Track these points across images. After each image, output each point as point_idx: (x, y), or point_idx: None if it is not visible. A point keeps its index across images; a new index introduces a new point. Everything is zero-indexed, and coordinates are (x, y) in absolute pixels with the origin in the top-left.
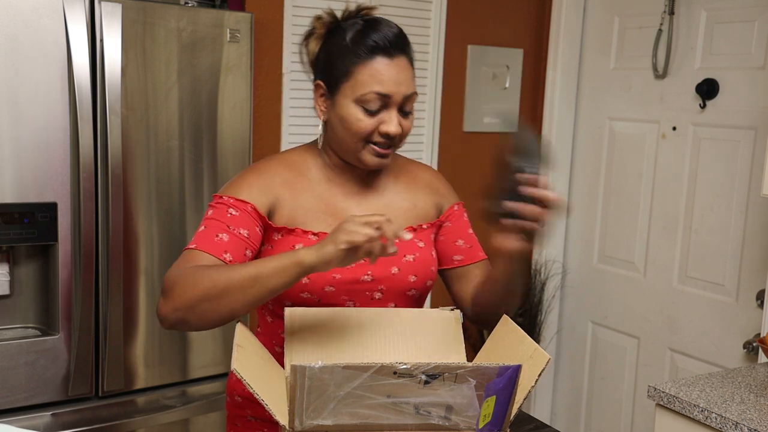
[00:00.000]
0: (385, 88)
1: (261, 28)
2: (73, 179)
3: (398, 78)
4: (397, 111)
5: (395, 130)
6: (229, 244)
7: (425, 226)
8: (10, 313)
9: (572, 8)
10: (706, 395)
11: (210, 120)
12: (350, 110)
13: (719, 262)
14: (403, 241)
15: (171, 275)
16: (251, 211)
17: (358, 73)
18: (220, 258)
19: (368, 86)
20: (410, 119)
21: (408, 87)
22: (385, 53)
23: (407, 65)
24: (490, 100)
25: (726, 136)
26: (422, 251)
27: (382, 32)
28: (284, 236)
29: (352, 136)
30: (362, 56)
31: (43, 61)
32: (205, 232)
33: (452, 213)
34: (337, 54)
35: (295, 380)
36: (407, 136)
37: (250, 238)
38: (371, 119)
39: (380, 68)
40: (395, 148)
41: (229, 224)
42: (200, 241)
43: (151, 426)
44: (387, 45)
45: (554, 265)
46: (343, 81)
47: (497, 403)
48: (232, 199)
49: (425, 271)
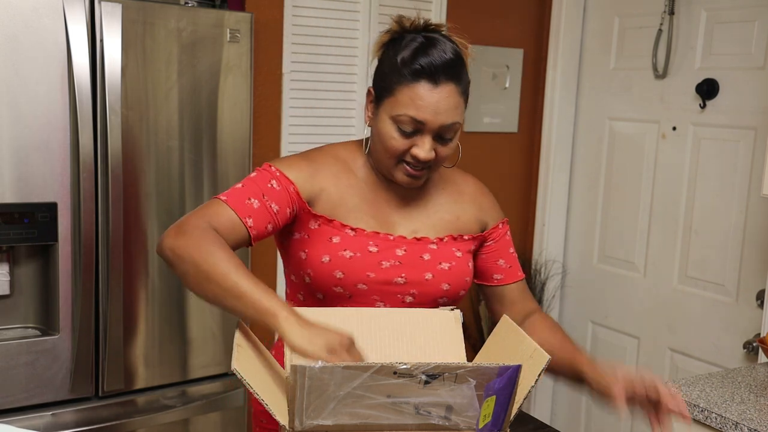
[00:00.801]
0: (420, 115)
1: (261, 28)
2: (73, 179)
3: (438, 107)
4: (432, 137)
5: (425, 156)
6: (257, 211)
7: (466, 237)
8: (10, 313)
9: (572, 8)
10: (706, 395)
11: (210, 120)
12: (386, 126)
13: (719, 262)
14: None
15: (191, 221)
16: (292, 192)
17: (400, 93)
18: (242, 219)
19: (405, 108)
20: (449, 146)
21: (448, 117)
22: (430, 79)
23: (453, 93)
24: (490, 100)
25: (726, 136)
26: (459, 261)
27: (432, 56)
28: (321, 226)
29: (385, 151)
30: (407, 77)
31: (43, 61)
32: (240, 189)
33: (496, 231)
34: (388, 69)
35: (295, 380)
36: (444, 161)
37: (278, 214)
38: (405, 140)
39: (421, 93)
40: (430, 171)
41: (265, 194)
42: (232, 197)
43: (151, 426)
44: (433, 71)
45: (554, 265)
46: (387, 96)
47: (497, 403)
48: (278, 172)
49: (459, 281)
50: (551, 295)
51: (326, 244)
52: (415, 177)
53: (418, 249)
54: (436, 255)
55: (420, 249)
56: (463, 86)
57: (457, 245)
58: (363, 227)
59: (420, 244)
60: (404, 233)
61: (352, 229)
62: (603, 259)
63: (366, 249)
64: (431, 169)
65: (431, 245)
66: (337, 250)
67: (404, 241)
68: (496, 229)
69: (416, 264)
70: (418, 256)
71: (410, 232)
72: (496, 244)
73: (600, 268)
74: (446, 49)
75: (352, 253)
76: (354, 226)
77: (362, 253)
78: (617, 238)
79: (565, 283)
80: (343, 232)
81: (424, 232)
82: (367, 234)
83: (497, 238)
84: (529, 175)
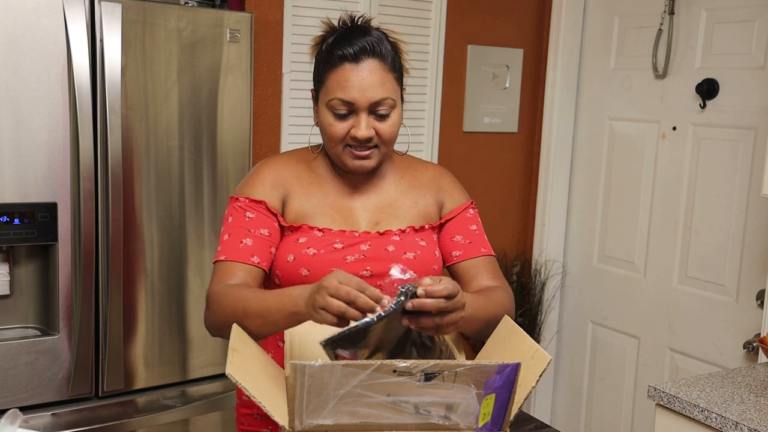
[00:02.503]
0: (348, 95)
1: (261, 28)
2: (73, 179)
3: (362, 84)
4: (367, 115)
5: (362, 134)
6: (254, 247)
7: (427, 227)
8: (10, 313)
9: (572, 8)
10: (706, 395)
11: (210, 120)
12: (325, 116)
13: (719, 262)
14: (404, 239)
15: (211, 292)
16: (267, 209)
17: (328, 80)
18: (248, 263)
19: (334, 92)
20: (388, 122)
21: (375, 92)
22: (352, 59)
23: (376, 69)
24: (490, 100)
25: (726, 136)
26: (424, 250)
27: (352, 39)
28: (292, 231)
29: (329, 140)
30: (332, 63)
31: (43, 62)
32: (229, 240)
33: (454, 210)
34: (318, 62)
35: (295, 379)
36: (392, 138)
37: (271, 235)
38: (342, 123)
39: (346, 74)
40: (380, 151)
41: (250, 228)
42: (227, 250)
43: (151, 426)
44: (353, 52)
45: (554, 265)
46: (320, 88)
47: (496, 401)
48: (247, 200)
49: (426, 270)
50: (551, 295)
51: (293, 244)
52: (363, 158)
53: (382, 242)
54: (400, 246)
55: (384, 242)
56: (389, 63)
57: (419, 235)
58: (329, 226)
59: (383, 238)
60: (368, 227)
61: (319, 230)
62: (603, 259)
63: (331, 246)
64: (379, 149)
65: (394, 237)
66: (302, 249)
67: (369, 235)
68: (454, 208)
69: (381, 256)
70: (383, 248)
71: (373, 225)
72: (453, 221)
73: (600, 268)
74: (367, 31)
75: (315, 250)
76: (321, 226)
77: (326, 250)
78: (617, 238)
79: (565, 283)
80: (311, 234)
81: (387, 224)
82: (333, 233)
83: (455, 216)
84: (529, 175)
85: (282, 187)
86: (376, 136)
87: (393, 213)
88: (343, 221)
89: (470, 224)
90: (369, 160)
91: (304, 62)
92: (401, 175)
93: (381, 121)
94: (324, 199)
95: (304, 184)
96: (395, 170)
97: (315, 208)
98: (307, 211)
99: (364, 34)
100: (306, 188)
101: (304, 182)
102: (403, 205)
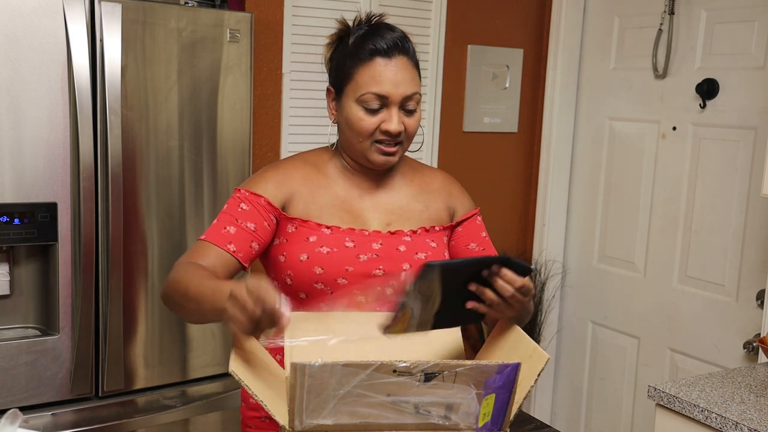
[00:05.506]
0: (382, 89)
1: (261, 28)
2: (73, 179)
3: (396, 79)
4: (398, 110)
5: (395, 128)
6: (235, 236)
7: (438, 228)
8: (10, 313)
9: (572, 8)
10: (706, 395)
11: (210, 120)
12: (353, 110)
13: (719, 262)
14: (415, 239)
15: (175, 263)
16: (264, 204)
17: (358, 75)
18: (224, 248)
19: (366, 87)
20: (415, 117)
21: (407, 87)
22: (384, 54)
23: (407, 65)
24: (490, 100)
25: (726, 136)
26: (434, 251)
27: (382, 35)
28: (298, 228)
29: (357, 135)
30: (362, 59)
31: (43, 62)
32: (216, 224)
33: (465, 218)
34: (343, 59)
35: (295, 378)
36: (414, 135)
37: (256, 231)
38: (373, 118)
39: (379, 69)
40: (402, 147)
41: (238, 218)
42: (210, 232)
43: (151, 426)
44: (385, 47)
45: (554, 265)
46: (347, 83)
47: (496, 401)
48: (247, 193)
49: None
50: (551, 295)
51: (304, 243)
52: (391, 154)
53: (393, 241)
54: (412, 246)
55: (395, 241)
56: (414, 59)
57: (430, 236)
58: (338, 224)
59: (395, 237)
60: (379, 227)
61: (327, 227)
62: (603, 259)
63: (342, 244)
64: (402, 145)
65: (405, 237)
66: (314, 248)
67: (380, 235)
68: (465, 216)
69: (393, 256)
70: (395, 248)
71: (384, 226)
72: (465, 229)
73: (600, 268)
74: (393, 28)
75: (329, 248)
76: (329, 224)
77: (339, 249)
78: (617, 238)
79: (565, 283)
80: (319, 231)
81: (398, 225)
82: (342, 231)
83: (466, 224)
84: (529, 175)
85: (287, 187)
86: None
87: (405, 215)
88: (351, 221)
89: (481, 231)
90: (394, 156)
91: (304, 62)
92: (410, 178)
93: (408, 117)
94: (333, 199)
95: (311, 186)
96: (404, 172)
97: (323, 208)
98: (315, 210)
99: (392, 30)
100: (314, 189)
101: (311, 184)
102: (415, 209)
